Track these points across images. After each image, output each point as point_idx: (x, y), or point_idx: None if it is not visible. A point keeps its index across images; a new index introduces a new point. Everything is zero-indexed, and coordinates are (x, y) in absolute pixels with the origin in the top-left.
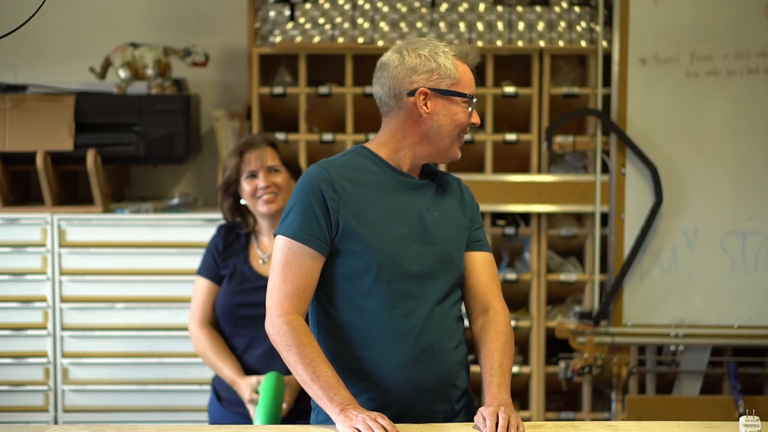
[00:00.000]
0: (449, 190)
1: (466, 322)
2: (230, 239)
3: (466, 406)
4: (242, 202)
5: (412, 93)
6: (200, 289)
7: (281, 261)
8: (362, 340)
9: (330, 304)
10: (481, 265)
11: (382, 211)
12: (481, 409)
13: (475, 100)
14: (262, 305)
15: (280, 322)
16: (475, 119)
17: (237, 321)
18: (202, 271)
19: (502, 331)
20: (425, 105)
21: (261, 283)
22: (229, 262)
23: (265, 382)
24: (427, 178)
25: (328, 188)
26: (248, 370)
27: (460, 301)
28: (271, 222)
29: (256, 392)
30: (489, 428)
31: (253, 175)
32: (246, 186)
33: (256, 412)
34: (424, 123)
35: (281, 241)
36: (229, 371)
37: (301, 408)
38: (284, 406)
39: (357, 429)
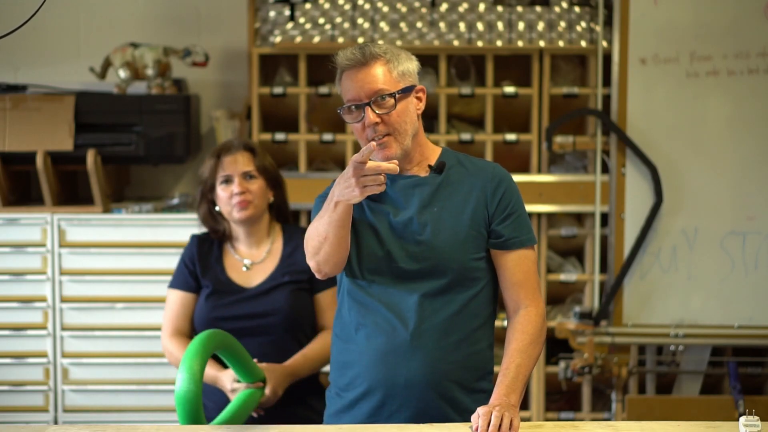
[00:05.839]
0: (462, 183)
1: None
2: (204, 250)
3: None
4: (217, 209)
5: None
6: (173, 301)
7: None
8: (350, 333)
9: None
10: (513, 264)
11: (371, 214)
12: (479, 409)
13: (361, 105)
14: (241, 318)
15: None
16: (366, 120)
17: None
18: (175, 284)
19: (529, 332)
20: None
21: (241, 295)
22: (207, 274)
23: (239, 395)
24: (437, 171)
25: (320, 200)
26: None
27: (467, 297)
28: (246, 229)
29: (237, 381)
30: (480, 428)
31: (227, 181)
32: (221, 192)
33: (222, 414)
34: None
35: None
36: (209, 368)
37: (299, 414)
38: (267, 392)
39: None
